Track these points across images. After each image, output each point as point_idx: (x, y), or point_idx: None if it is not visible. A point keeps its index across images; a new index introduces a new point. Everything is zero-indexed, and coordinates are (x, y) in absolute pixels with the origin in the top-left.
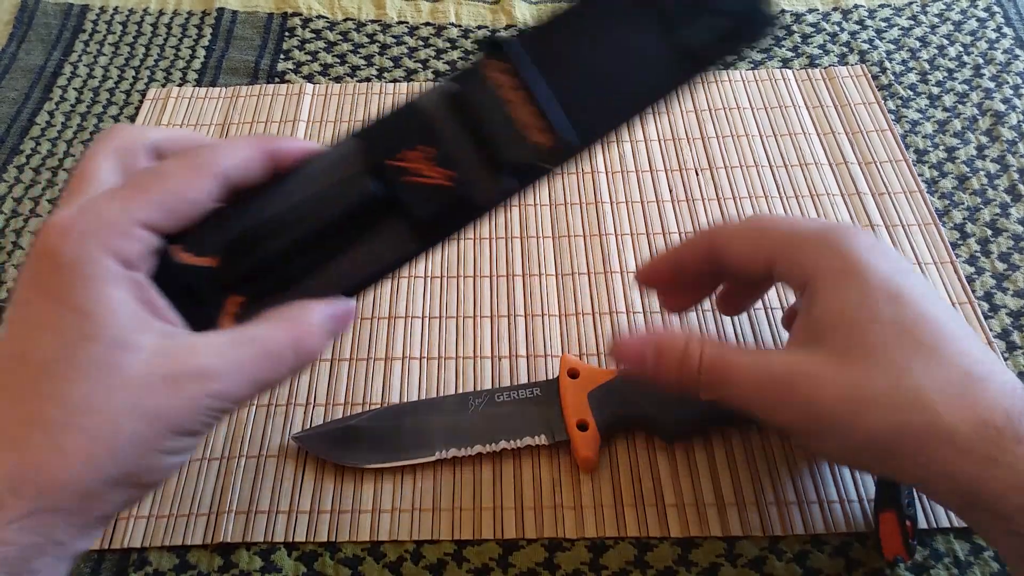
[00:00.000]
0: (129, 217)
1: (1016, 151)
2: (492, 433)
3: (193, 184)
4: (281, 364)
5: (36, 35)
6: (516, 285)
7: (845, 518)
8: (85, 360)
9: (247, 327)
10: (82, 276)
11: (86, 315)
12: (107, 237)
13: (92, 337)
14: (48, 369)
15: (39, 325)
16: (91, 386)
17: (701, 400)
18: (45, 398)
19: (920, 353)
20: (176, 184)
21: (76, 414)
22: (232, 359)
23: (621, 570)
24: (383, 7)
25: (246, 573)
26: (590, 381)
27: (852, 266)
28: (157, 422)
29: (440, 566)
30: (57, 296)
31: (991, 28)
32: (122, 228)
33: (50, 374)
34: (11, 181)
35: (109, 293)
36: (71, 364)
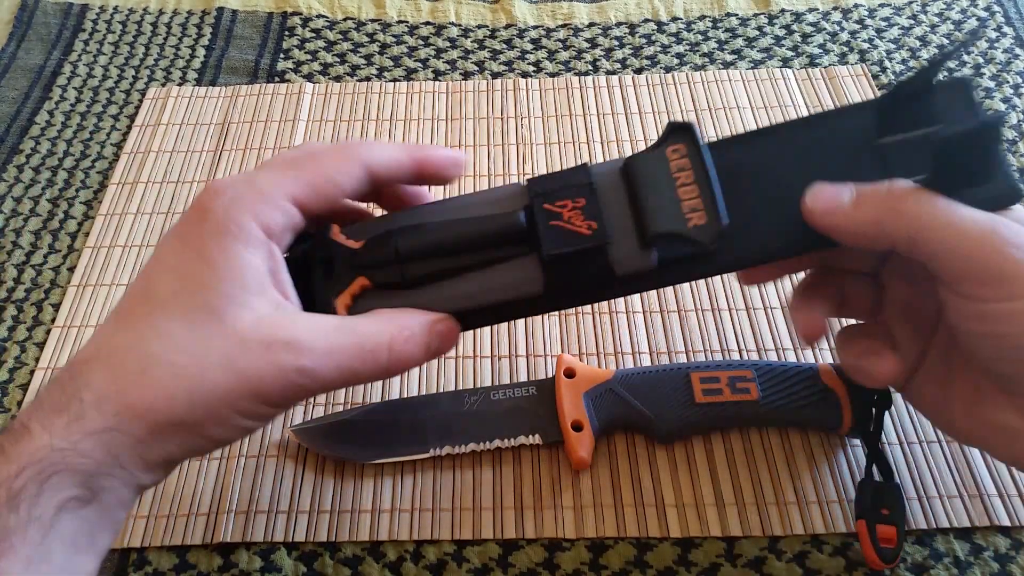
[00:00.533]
0: (279, 189)
1: (1016, 150)
2: (486, 431)
3: (341, 168)
4: (373, 360)
5: (36, 34)
6: None
7: (845, 518)
8: (197, 306)
9: (353, 318)
10: (221, 232)
11: (212, 266)
12: (254, 203)
13: (210, 287)
14: (164, 305)
15: (171, 267)
16: (193, 330)
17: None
18: (152, 330)
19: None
20: (325, 166)
21: (172, 352)
22: (327, 341)
23: (621, 570)
24: (383, 6)
25: (246, 573)
26: (586, 381)
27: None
28: (241, 380)
29: (440, 566)
30: (193, 245)
31: (991, 28)
32: (270, 198)
33: (164, 310)
34: (11, 180)
35: (240, 252)
36: (184, 306)
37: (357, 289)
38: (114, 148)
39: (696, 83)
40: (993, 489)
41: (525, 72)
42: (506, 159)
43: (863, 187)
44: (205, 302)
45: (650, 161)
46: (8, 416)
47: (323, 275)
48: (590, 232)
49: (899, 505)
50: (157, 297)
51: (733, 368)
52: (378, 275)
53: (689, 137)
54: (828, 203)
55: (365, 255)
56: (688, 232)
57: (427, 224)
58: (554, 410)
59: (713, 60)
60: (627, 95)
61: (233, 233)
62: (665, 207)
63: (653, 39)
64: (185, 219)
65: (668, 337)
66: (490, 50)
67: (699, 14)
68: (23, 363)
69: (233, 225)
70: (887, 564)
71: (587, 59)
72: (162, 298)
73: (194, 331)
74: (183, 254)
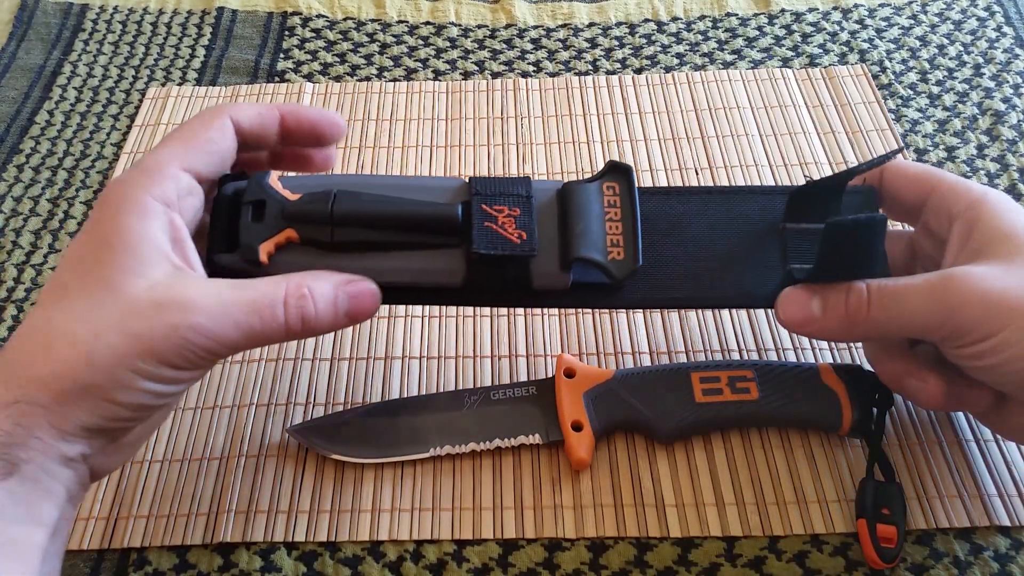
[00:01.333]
0: (166, 162)
1: (1016, 150)
2: (486, 431)
3: (212, 126)
4: (271, 316)
5: (36, 34)
6: None
7: (845, 518)
8: (93, 280)
9: (253, 280)
10: (117, 211)
11: (108, 245)
12: (146, 179)
13: (105, 263)
14: (67, 287)
15: (74, 256)
16: (89, 302)
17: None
18: (55, 308)
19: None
20: (197, 130)
21: (69, 322)
22: (221, 300)
23: (621, 570)
24: (383, 6)
25: (246, 573)
26: (586, 381)
27: (1010, 203)
28: (135, 342)
29: (440, 566)
30: (94, 231)
31: (991, 27)
32: (160, 171)
33: (67, 290)
34: (11, 180)
35: (134, 226)
36: (82, 283)
37: (283, 240)
38: (114, 148)
39: (696, 83)
40: (993, 489)
41: (525, 72)
42: (506, 159)
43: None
44: (100, 276)
45: (586, 191)
46: None
47: (252, 218)
48: (519, 241)
49: (899, 505)
50: (62, 283)
51: (733, 368)
52: (307, 230)
53: (625, 179)
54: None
55: (298, 208)
56: (606, 264)
57: (366, 195)
58: (554, 410)
59: (713, 60)
60: (627, 95)
61: (127, 209)
62: (591, 236)
63: (653, 39)
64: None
65: (668, 337)
66: (490, 50)
67: (699, 14)
68: None
69: (127, 203)
70: (887, 564)
71: (587, 59)
72: (65, 282)
73: (91, 303)
74: (86, 243)
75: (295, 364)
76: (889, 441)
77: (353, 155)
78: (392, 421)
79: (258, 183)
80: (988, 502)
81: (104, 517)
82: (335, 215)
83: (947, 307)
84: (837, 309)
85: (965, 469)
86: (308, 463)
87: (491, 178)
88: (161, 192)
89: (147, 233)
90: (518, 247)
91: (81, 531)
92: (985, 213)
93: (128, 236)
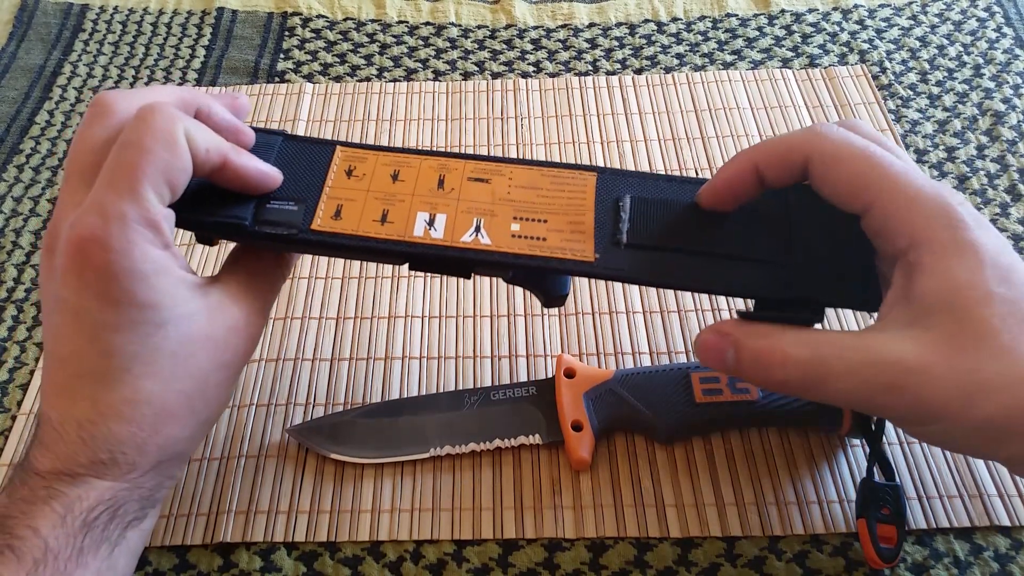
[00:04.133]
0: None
1: (1016, 151)
2: (486, 431)
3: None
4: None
5: (36, 34)
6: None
7: (845, 518)
8: (164, 342)
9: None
10: (137, 278)
11: (152, 307)
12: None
13: (163, 322)
14: (136, 357)
15: (114, 327)
16: (176, 360)
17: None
18: (141, 379)
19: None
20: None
21: (173, 382)
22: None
23: (621, 570)
24: (383, 7)
25: (246, 573)
26: (586, 381)
27: (963, 239)
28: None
29: (440, 566)
30: (120, 299)
31: (991, 28)
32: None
33: (140, 360)
34: (11, 180)
35: (163, 283)
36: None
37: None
38: None
39: (696, 83)
40: (993, 489)
41: (525, 72)
42: None
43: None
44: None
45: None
46: (8, 416)
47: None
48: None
49: (899, 505)
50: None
51: None
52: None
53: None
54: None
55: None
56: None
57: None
58: (554, 410)
59: (713, 60)
60: (627, 95)
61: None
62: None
63: (653, 39)
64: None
65: (668, 337)
66: (490, 50)
67: (699, 14)
68: (23, 363)
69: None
70: (887, 564)
71: (587, 59)
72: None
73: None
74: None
75: (295, 364)
76: (889, 441)
77: None
78: (392, 421)
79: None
80: (988, 502)
81: None
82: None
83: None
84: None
85: (965, 469)
86: (308, 463)
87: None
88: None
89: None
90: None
91: None
92: (926, 262)
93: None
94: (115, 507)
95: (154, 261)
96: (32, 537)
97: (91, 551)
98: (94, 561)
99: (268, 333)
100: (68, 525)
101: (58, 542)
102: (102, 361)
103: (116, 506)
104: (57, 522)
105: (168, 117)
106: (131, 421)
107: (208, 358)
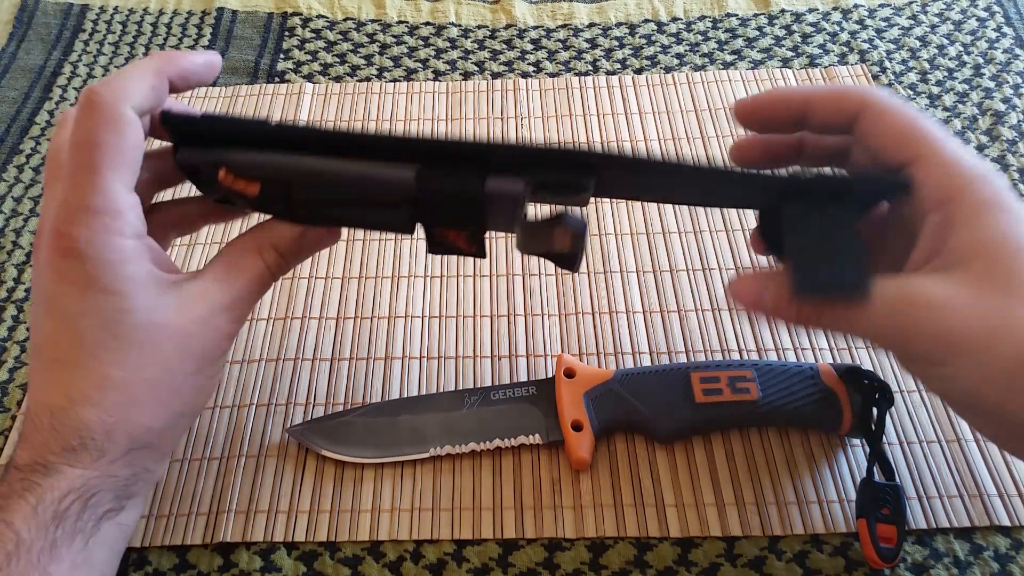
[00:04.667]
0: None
1: (1016, 151)
2: (486, 431)
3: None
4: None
5: (36, 34)
6: (516, 285)
7: (845, 518)
8: (129, 329)
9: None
10: (103, 264)
11: (117, 294)
12: (107, 220)
13: (128, 310)
14: (102, 344)
15: (82, 312)
16: (142, 348)
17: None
18: (107, 365)
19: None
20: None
21: (138, 370)
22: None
23: (621, 570)
24: (383, 7)
25: (246, 573)
26: (586, 381)
27: (1002, 200)
28: (201, 357)
29: (440, 566)
30: (87, 285)
31: (991, 28)
32: (117, 205)
33: (104, 347)
34: (11, 180)
35: (129, 271)
36: (118, 335)
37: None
38: None
39: (696, 83)
40: (993, 489)
41: (525, 72)
42: None
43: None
44: (133, 324)
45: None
46: (8, 416)
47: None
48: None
49: (899, 505)
50: (88, 341)
51: (733, 368)
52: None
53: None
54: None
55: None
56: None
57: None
58: (554, 410)
59: (713, 60)
60: (627, 95)
61: (113, 259)
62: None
63: (653, 39)
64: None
65: (668, 337)
66: (490, 50)
67: (699, 14)
68: (23, 363)
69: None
70: (887, 564)
71: (587, 59)
72: (95, 340)
73: (140, 348)
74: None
75: (295, 364)
76: (889, 441)
77: None
78: (392, 421)
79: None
80: (988, 502)
81: None
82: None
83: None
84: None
85: (965, 469)
86: (308, 463)
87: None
88: (127, 228)
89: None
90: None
91: None
92: (964, 215)
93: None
94: (86, 496)
95: (120, 250)
96: (5, 531)
97: (64, 543)
98: (68, 553)
99: (268, 333)
100: (40, 516)
101: (30, 534)
102: (72, 347)
103: (87, 495)
104: (30, 513)
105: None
106: (98, 405)
107: (174, 348)
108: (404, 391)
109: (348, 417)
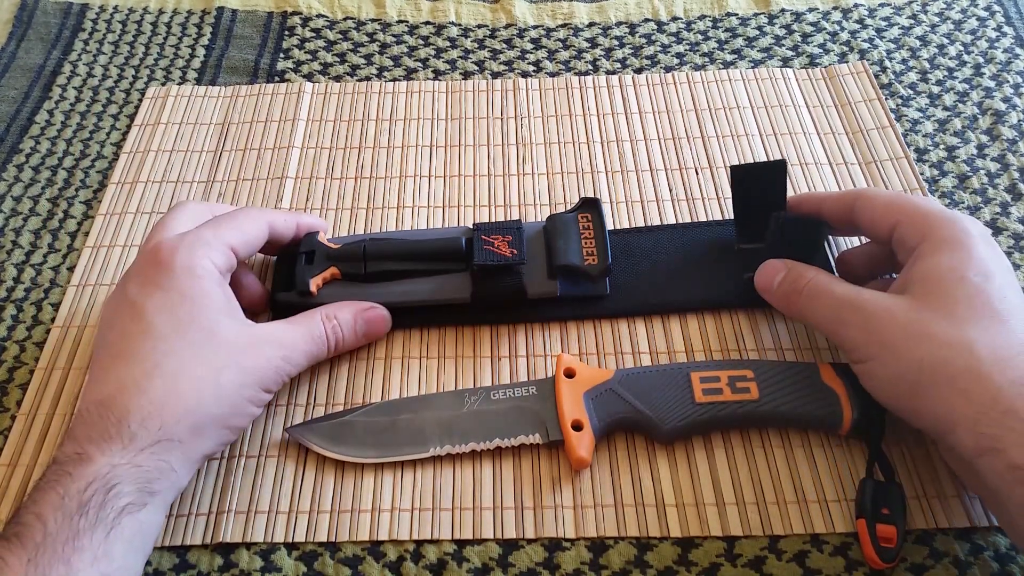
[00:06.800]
0: (220, 240)
1: (1016, 150)
2: (487, 430)
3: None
4: (320, 342)
5: (36, 34)
6: None
7: (845, 518)
8: (193, 330)
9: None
10: (189, 274)
11: (192, 300)
12: (207, 251)
13: (197, 315)
14: (165, 338)
15: (158, 309)
16: (199, 348)
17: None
18: (163, 355)
19: (989, 320)
20: (245, 223)
21: (189, 366)
22: (293, 335)
23: (621, 570)
24: (383, 6)
25: (246, 573)
26: (586, 381)
27: (960, 239)
28: (248, 374)
29: (440, 566)
30: (170, 288)
31: (991, 27)
32: (216, 246)
33: (167, 341)
34: (11, 180)
35: (208, 286)
36: (183, 334)
37: (328, 275)
38: (114, 148)
39: (696, 83)
40: None
41: (525, 72)
42: (506, 159)
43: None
44: (198, 327)
45: (565, 219)
46: (8, 416)
47: (305, 263)
48: (511, 255)
49: (899, 505)
50: (156, 334)
51: (733, 368)
52: (345, 267)
53: (595, 209)
54: (762, 283)
55: (339, 251)
56: (583, 267)
57: (391, 239)
58: (554, 410)
59: (713, 60)
60: (627, 95)
61: (200, 275)
62: (570, 249)
63: (653, 39)
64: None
65: (668, 337)
66: (490, 50)
67: (699, 14)
68: (23, 363)
69: (199, 268)
70: (887, 564)
71: (587, 59)
72: (161, 334)
73: (198, 348)
74: (163, 297)
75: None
76: (889, 441)
77: (353, 155)
78: (392, 421)
79: (310, 238)
80: None
81: None
82: (367, 252)
83: (840, 322)
84: (784, 286)
85: None
86: (308, 463)
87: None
88: (218, 262)
89: (217, 293)
90: (510, 259)
91: None
92: (926, 251)
93: (209, 296)
94: (108, 486)
95: (208, 271)
96: (35, 522)
97: (86, 533)
98: (89, 544)
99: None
100: (66, 506)
101: (57, 524)
102: (139, 339)
103: (109, 485)
104: (57, 504)
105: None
106: (145, 393)
107: (227, 357)
108: (404, 391)
109: (348, 417)
